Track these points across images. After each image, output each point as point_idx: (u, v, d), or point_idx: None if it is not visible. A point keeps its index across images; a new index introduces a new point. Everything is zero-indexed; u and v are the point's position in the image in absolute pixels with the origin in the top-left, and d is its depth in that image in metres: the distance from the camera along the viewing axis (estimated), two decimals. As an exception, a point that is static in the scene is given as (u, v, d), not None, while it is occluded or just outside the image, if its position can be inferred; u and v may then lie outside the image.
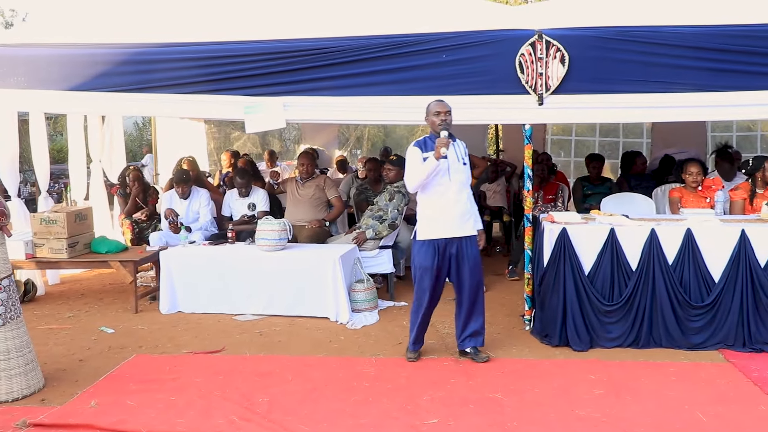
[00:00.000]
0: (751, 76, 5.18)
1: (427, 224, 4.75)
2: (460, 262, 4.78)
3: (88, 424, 3.82)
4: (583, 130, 13.46)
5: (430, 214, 4.74)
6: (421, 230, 4.77)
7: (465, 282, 4.82)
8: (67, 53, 5.86)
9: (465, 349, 4.94)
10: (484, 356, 4.85)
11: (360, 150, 22.97)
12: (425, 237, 4.74)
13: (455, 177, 4.72)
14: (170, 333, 5.65)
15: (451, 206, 4.72)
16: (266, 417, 3.91)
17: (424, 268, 4.75)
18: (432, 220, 4.73)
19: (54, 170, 9.86)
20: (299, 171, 7.53)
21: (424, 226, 4.76)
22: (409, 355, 4.92)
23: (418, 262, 4.78)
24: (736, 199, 5.99)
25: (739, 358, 4.83)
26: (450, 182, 4.70)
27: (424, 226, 4.76)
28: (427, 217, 4.75)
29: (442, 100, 4.85)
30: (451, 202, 4.72)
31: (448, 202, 4.71)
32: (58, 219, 6.24)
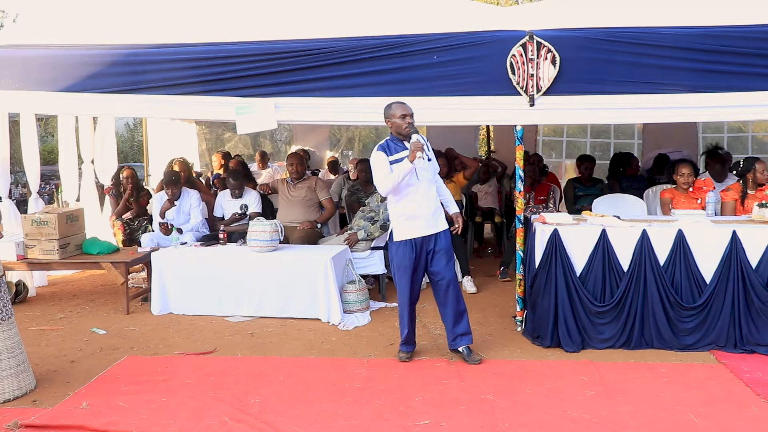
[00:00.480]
0: (742, 77, 5.20)
1: (403, 225, 4.79)
2: (436, 256, 4.83)
3: (80, 426, 3.81)
4: (574, 131, 13.50)
5: (404, 214, 4.78)
6: (398, 231, 4.81)
7: (445, 274, 4.84)
8: (57, 54, 5.84)
9: (457, 349, 4.94)
10: (477, 358, 4.86)
11: (351, 151, 22.93)
12: (402, 237, 4.79)
13: (423, 176, 4.77)
14: (162, 334, 5.63)
15: (424, 205, 4.77)
16: (258, 418, 3.90)
17: (403, 267, 4.81)
18: (407, 220, 4.77)
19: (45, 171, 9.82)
20: (289, 172, 7.52)
21: (400, 227, 4.80)
22: (401, 355, 4.93)
23: (396, 262, 4.84)
24: (727, 200, 6.02)
25: (730, 359, 4.85)
26: (419, 182, 4.75)
27: (400, 226, 4.80)
28: (402, 218, 4.79)
29: (403, 102, 4.86)
30: (423, 201, 4.77)
31: (421, 202, 4.76)
32: (50, 220, 6.21)
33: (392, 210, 4.85)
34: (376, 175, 4.75)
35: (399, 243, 4.81)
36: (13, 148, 7.06)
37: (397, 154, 4.73)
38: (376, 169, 4.76)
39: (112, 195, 8.33)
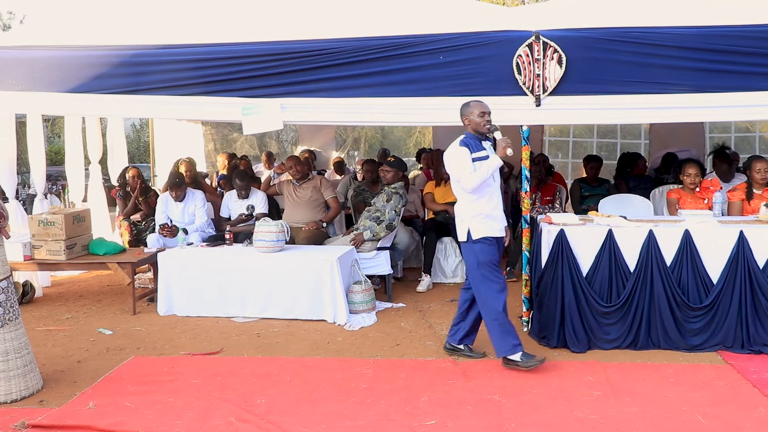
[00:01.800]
0: (748, 76, 5.18)
1: (483, 222, 4.69)
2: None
3: (87, 426, 3.82)
4: (580, 131, 13.48)
5: (482, 213, 4.69)
6: (478, 229, 4.68)
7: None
8: (64, 55, 5.86)
9: (458, 345, 5.00)
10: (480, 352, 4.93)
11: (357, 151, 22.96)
12: (485, 234, 4.68)
13: (497, 177, 4.80)
14: (168, 334, 5.64)
15: (499, 206, 4.81)
16: (264, 418, 3.90)
17: (493, 262, 4.72)
18: (486, 218, 4.70)
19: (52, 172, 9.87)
20: (291, 175, 7.51)
21: (481, 225, 4.68)
22: (531, 362, 4.61)
23: (484, 258, 4.67)
24: (734, 200, 6.00)
25: (737, 359, 4.83)
26: (494, 182, 4.76)
27: (480, 224, 4.68)
28: (481, 216, 4.69)
29: (480, 101, 4.81)
30: (499, 202, 4.81)
31: (497, 202, 4.80)
32: (56, 221, 6.23)
33: (468, 208, 4.71)
34: (461, 170, 4.62)
35: (482, 240, 4.68)
36: (20, 149, 7.08)
37: (478, 152, 4.65)
38: (460, 165, 4.63)
39: (119, 196, 8.35)
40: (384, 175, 6.99)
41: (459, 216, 4.80)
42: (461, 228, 4.77)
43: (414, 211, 8.15)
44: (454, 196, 7.33)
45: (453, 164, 4.69)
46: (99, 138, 8.73)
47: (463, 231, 4.75)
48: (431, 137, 14.02)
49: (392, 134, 25.76)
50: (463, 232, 4.74)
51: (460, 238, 4.80)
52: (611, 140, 13.38)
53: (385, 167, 7.05)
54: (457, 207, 4.83)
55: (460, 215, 4.79)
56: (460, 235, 4.79)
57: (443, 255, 7.46)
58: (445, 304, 6.52)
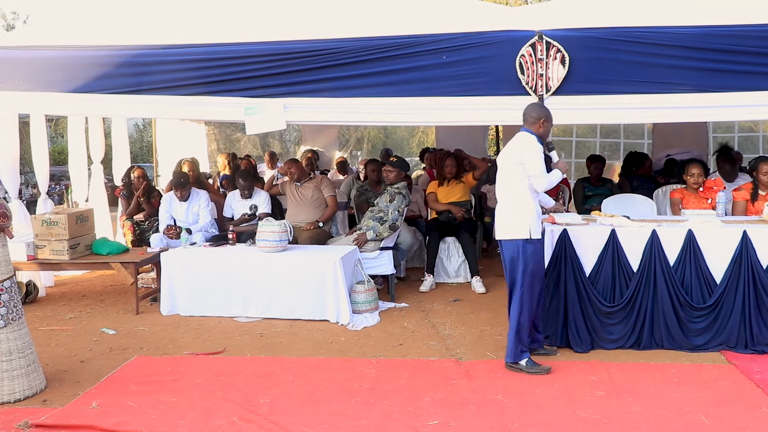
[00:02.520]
0: (751, 76, 5.17)
1: (538, 223, 4.69)
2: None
3: (90, 425, 3.82)
4: (583, 131, 13.48)
5: (537, 213, 4.71)
6: (536, 229, 4.66)
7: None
8: (68, 55, 5.86)
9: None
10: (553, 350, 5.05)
11: (360, 151, 22.96)
12: (539, 236, 4.70)
13: None
14: (171, 334, 5.65)
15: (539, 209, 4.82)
16: (267, 418, 3.91)
17: (542, 265, 4.80)
18: (539, 219, 4.74)
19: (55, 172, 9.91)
20: (289, 177, 7.50)
21: (537, 225, 4.68)
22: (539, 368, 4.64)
23: (534, 264, 4.64)
24: (738, 200, 5.99)
25: (741, 359, 4.82)
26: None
27: (537, 224, 4.67)
28: (537, 216, 4.70)
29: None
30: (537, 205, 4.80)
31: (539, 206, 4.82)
32: (60, 220, 6.24)
33: (529, 205, 4.65)
34: (540, 168, 4.56)
35: (539, 241, 4.70)
36: (23, 149, 7.09)
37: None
38: (537, 159, 4.55)
39: (122, 196, 8.35)
40: (387, 176, 7.00)
41: (519, 210, 4.65)
42: (521, 222, 4.62)
43: (417, 211, 8.15)
44: (457, 196, 7.42)
45: (532, 158, 4.56)
46: (102, 138, 8.74)
47: (523, 226, 4.61)
48: (434, 137, 14.04)
49: (395, 134, 25.77)
50: (524, 230, 4.61)
51: (516, 233, 4.62)
52: (614, 140, 13.38)
53: (387, 167, 7.05)
54: (517, 200, 4.67)
55: (521, 209, 4.64)
56: (517, 230, 4.63)
57: (446, 255, 7.45)
58: (448, 304, 6.52)
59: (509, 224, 4.67)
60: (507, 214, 4.70)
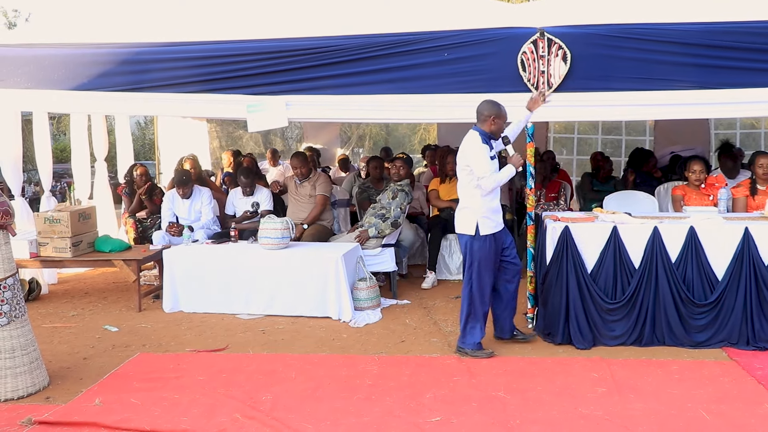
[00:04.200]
0: (753, 73, 5.16)
1: (489, 219, 4.89)
2: (510, 246, 5.10)
3: (93, 422, 3.84)
4: (585, 128, 13.45)
5: (490, 208, 4.90)
6: (485, 225, 4.87)
7: (518, 262, 5.14)
8: (69, 53, 5.87)
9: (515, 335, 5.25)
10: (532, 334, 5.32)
11: (362, 149, 22.94)
12: (489, 231, 4.89)
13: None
14: (174, 331, 5.66)
15: (498, 204, 5.02)
16: (269, 415, 3.92)
17: (490, 260, 4.92)
18: (492, 214, 4.92)
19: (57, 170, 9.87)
20: (295, 174, 7.50)
21: (487, 221, 4.88)
22: (482, 353, 4.94)
23: (482, 255, 4.88)
24: (738, 196, 5.99)
25: (742, 356, 4.82)
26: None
27: (487, 221, 4.88)
28: (488, 212, 4.89)
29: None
30: (498, 200, 5.01)
31: (497, 200, 5.00)
32: (62, 218, 6.25)
33: (477, 204, 4.86)
34: (484, 169, 4.77)
35: (486, 237, 4.88)
36: (25, 147, 7.10)
37: (491, 152, 4.86)
38: (483, 163, 4.77)
39: (125, 194, 8.36)
40: (398, 171, 7.00)
41: (468, 208, 4.91)
42: (468, 220, 4.89)
43: (419, 208, 8.15)
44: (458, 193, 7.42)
45: (477, 161, 4.79)
46: (105, 135, 8.75)
47: (470, 224, 4.87)
48: (436, 134, 14.02)
49: (397, 131, 25.75)
50: (471, 226, 4.87)
51: (464, 230, 4.91)
52: (616, 137, 13.35)
53: (399, 163, 7.06)
54: (466, 200, 4.93)
55: (469, 208, 4.90)
56: (465, 227, 4.90)
57: (448, 252, 7.46)
58: (450, 300, 6.52)
59: (461, 220, 4.96)
60: (459, 210, 4.99)
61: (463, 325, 4.99)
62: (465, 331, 4.98)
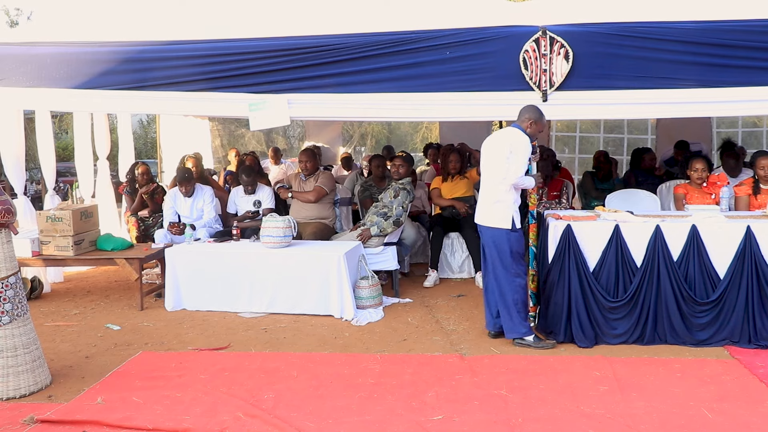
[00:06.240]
0: (756, 71, 5.16)
1: (517, 213, 5.07)
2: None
3: (95, 421, 3.84)
4: (587, 126, 13.46)
5: (516, 203, 5.07)
6: (518, 220, 5.07)
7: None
8: (72, 51, 5.87)
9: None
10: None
11: (364, 147, 22.94)
12: (519, 225, 5.09)
13: None
14: (176, 330, 5.67)
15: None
16: (272, 413, 3.92)
17: (521, 253, 5.12)
18: (518, 210, 5.09)
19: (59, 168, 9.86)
20: (300, 168, 7.53)
21: (518, 215, 5.08)
22: (546, 342, 5.09)
23: (518, 249, 5.06)
24: (740, 195, 5.99)
25: (744, 354, 4.82)
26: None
27: (516, 215, 5.05)
28: (515, 206, 5.06)
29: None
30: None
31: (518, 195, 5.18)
32: (64, 216, 6.25)
33: (511, 199, 5.03)
34: (520, 164, 4.94)
35: (519, 230, 5.07)
36: (27, 145, 7.10)
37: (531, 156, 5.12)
38: (522, 159, 4.94)
39: (126, 193, 8.37)
40: (397, 170, 7.00)
41: (502, 202, 5.02)
42: (504, 214, 5.02)
43: (421, 207, 8.15)
44: (461, 192, 7.43)
45: (518, 154, 4.94)
46: (107, 134, 8.76)
47: (505, 218, 5.02)
48: (438, 132, 14.02)
49: (399, 130, 25.76)
50: (506, 219, 5.01)
51: (501, 224, 5.02)
52: (618, 135, 13.36)
53: (398, 161, 7.05)
54: (499, 194, 5.03)
55: (503, 201, 5.02)
56: (500, 221, 5.02)
57: (450, 250, 7.46)
58: (452, 299, 6.52)
59: (494, 214, 5.07)
60: (492, 204, 5.08)
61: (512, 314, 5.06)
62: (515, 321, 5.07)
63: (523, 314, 5.08)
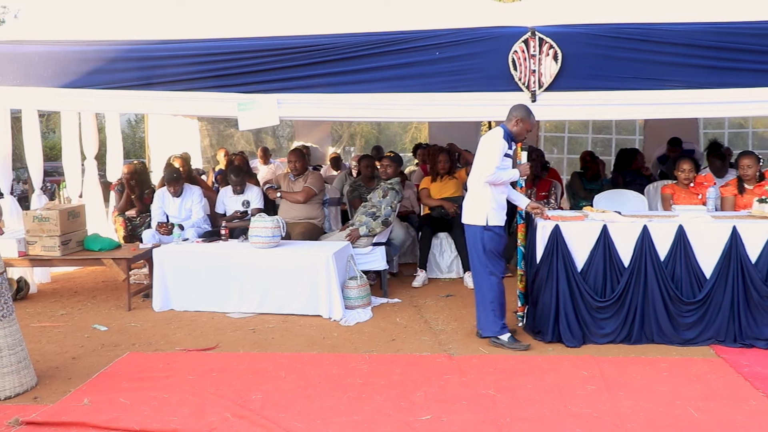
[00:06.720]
0: (742, 73, 5.20)
1: (498, 212, 5.10)
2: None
3: (81, 422, 3.82)
4: (575, 127, 13.51)
5: (498, 202, 5.10)
6: (494, 217, 5.08)
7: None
8: (58, 50, 5.84)
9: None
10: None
11: (353, 147, 22.93)
12: (498, 223, 5.10)
13: None
14: (163, 330, 5.64)
15: (505, 200, 5.22)
16: (260, 414, 3.91)
17: (499, 251, 5.15)
18: (500, 208, 5.12)
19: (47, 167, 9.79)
20: (289, 168, 7.52)
21: (495, 214, 5.09)
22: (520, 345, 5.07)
23: (492, 247, 5.09)
24: (726, 195, 6.03)
25: (730, 353, 4.86)
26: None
27: (495, 213, 5.08)
28: (496, 205, 5.09)
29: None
30: (505, 196, 5.23)
31: (505, 196, 5.22)
32: (51, 216, 6.21)
33: (486, 196, 5.06)
34: (491, 161, 4.97)
35: (496, 228, 5.08)
36: (14, 145, 7.05)
37: (509, 150, 5.09)
38: (493, 156, 4.97)
39: (117, 191, 8.31)
40: (385, 170, 7.00)
41: (479, 200, 5.09)
42: (479, 212, 5.08)
43: (410, 207, 8.15)
44: (450, 192, 7.44)
45: (488, 152, 5.01)
46: (95, 133, 8.70)
47: (480, 216, 5.07)
48: (427, 133, 14.04)
49: (388, 130, 25.76)
50: (481, 217, 5.07)
51: (476, 221, 5.09)
52: (606, 136, 13.42)
53: (386, 162, 7.05)
54: (476, 192, 5.11)
55: (480, 200, 5.08)
56: (477, 218, 5.08)
57: (439, 250, 7.47)
58: (440, 299, 6.53)
59: (471, 212, 5.15)
60: (470, 202, 5.17)
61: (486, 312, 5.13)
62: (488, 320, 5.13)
63: (498, 313, 5.10)
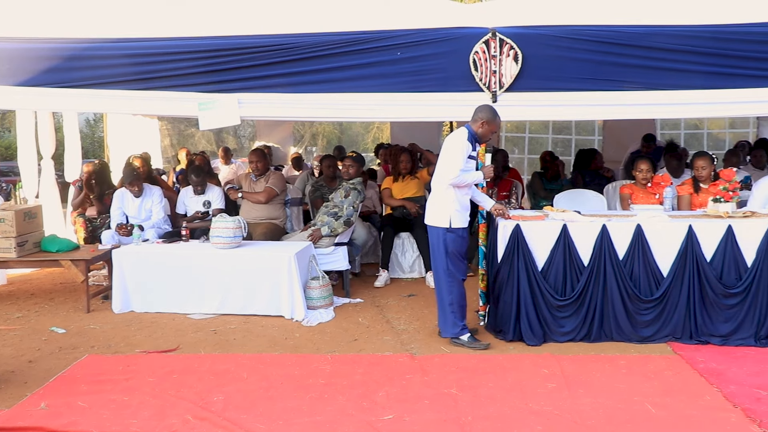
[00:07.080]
0: (696, 75, 5.31)
1: (461, 214, 5.11)
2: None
3: (38, 427, 3.75)
4: (536, 127, 13.65)
5: (461, 203, 5.10)
6: (457, 219, 5.08)
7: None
8: (15, 48, 5.73)
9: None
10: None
11: (315, 147, 22.88)
12: (460, 225, 5.11)
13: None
14: (123, 332, 5.57)
15: (468, 201, 5.22)
16: (221, 415, 3.88)
17: (461, 252, 5.17)
18: (462, 209, 5.11)
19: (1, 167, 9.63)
20: (251, 168, 7.47)
21: (458, 215, 5.09)
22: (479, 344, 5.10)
23: (455, 248, 5.10)
24: (682, 194, 6.15)
25: (686, 350, 4.96)
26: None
27: (458, 215, 5.09)
28: (459, 206, 5.09)
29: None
30: (469, 198, 5.22)
31: (468, 198, 5.21)
32: (6, 217, 6.09)
33: (449, 198, 5.07)
34: (455, 163, 4.97)
35: (458, 230, 5.09)
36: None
37: (473, 152, 5.08)
38: (457, 158, 4.97)
39: (77, 187, 8.15)
40: (346, 170, 6.99)
41: (442, 202, 5.09)
42: (442, 214, 5.08)
43: (372, 207, 8.16)
44: (412, 192, 7.47)
45: (452, 154, 5.02)
46: (52, 133, 8.55)
47: (443, 217, 5.08)
48: (389, 133, 14.07)
49: (350, 130, 25.75)
50: (444, 219, 5.08)
51: (439, 222, 5.09)
52: (566, 136, 13.59)
53: (347, 162, 7.04)
54: (440, 193, 5.11)
55: (443, 201, 5.09)
56: (439, 220, 5.09)
57: (401, 250, 7.49)
58: (403, 299, 6.55)
59: (434, 214, 5.16)
60: (434, 203, 5.19)
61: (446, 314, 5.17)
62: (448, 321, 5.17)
63: (458, 314, 5.14)
